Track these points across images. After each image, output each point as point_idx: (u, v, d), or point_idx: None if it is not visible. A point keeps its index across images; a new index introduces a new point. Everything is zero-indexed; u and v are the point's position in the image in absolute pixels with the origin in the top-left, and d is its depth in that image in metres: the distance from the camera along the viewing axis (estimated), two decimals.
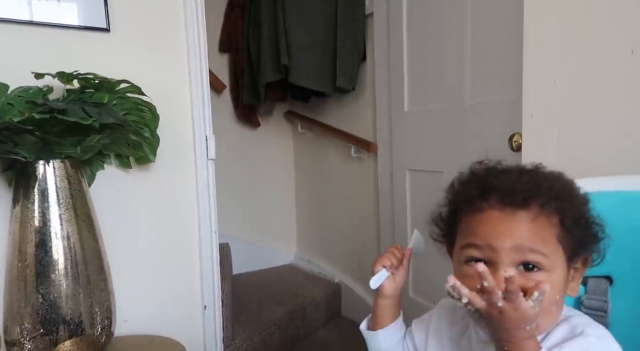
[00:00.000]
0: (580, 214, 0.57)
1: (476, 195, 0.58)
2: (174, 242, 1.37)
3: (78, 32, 1.21)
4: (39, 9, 1.15)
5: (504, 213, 0.55)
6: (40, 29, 1.17)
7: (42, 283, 0.94)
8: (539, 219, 0.55)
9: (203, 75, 1.39)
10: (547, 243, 0.55)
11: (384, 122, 1.95)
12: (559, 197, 0.56)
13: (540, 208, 0.55)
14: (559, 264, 0.56)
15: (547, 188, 0.56)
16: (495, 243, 0.55)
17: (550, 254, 0.55)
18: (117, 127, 1.08)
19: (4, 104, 0.94)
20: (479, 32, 1.47)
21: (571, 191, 0.59)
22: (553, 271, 0.55)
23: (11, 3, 1.12)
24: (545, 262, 0.55)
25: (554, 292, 0.54)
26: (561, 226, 0.56)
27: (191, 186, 1.38)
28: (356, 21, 1.99)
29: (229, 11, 2.46)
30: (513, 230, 0.55)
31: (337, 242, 2.42)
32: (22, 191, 0.97)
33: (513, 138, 1.28)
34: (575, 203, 0.58)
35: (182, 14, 1.34)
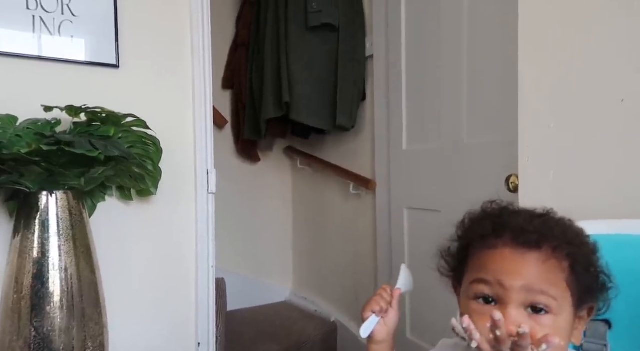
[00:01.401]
0: (589, 262, 0.58)
1: (490, 231, 0.59)
2: (171, 276, 1.36)
3: (88, 67, 1.25)
4: (52, 45, 1.20)
5: (517, 252, 0.56)
6: (51, 63, 1.21)
7: (36, 316, 0.93)
8: (550, 262, 0.55)
9: (207, 111, 1.43)
10: (557, 286, 0.55)
11: (382, 159, 1.98)
12: (571, 242, 0.57)
13: (552, 251, 0.55)
14: (567, 309, 0.56)
15: (559, 232, 0.57)
16: (506, 281, 0.55)
17: (559, 298, 0.55)
18: (121, 160, 1.10)
19: (13, 136, 0.96)
20: (476, 74, 1.52)
21: (582, 238, 0.60)
22: (560, 315, 0.55)
23: (24, 39, 1.17)
24: (553, 305, 0.54)
25: (559, 337, 0.53)
26: (571, 271, 0.56)
27: (191, 219, 1.39)
28: (357, 62, 2.06)
29: (234, 50, 2.54)
30: (524, 270, 0.55)
31: (334, 279, 2.39)
32: (24, 221, 0.98)
33: (510, 180, 1.30)
34: (585, 250, 0.58)
35: (189, 52, 1.39)
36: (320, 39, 2.07)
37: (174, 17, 1.37)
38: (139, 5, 1.31)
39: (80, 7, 1.22)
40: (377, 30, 1.99)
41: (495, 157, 1.43)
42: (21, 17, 1.15)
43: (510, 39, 1.20)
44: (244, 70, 2.43)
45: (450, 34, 1.61)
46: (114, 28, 1.26)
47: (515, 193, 1.26)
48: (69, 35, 1.21)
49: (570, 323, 0.57)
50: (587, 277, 0.57)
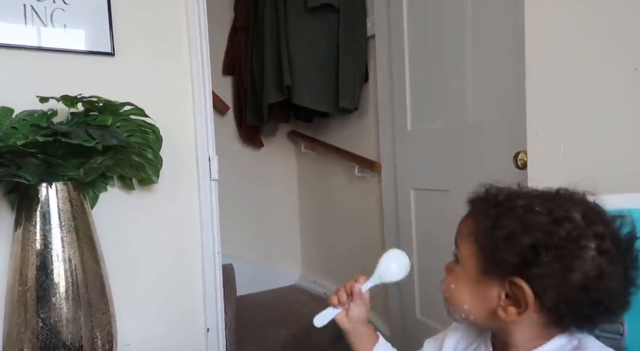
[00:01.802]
0: (522, 231, 0.53)
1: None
2: (177, 264, 1.35)
3: (83, 56, 1.23)
4: (45, 34, 1.17)
5: (468, 212, 0.63)
6: (46, 54, 1.18)
7: (42, 307, 0.93)
8: (471, 217, 0.61)
9: (206, 97, 1.40)
10: (465, 239, 0.60)
11: (387, 141, 1.95)
12: (508, 209, 0.56)
13: (477, 210, 0.60)
14: (471, 264, 0.59)
15: (500, 198, 0.58)
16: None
17: (464, 250, 0.60)
18: (120, 149, 1.09)
19: (8, 128, 0.95)
20: (481, 51, 1.48)
21: (530, 211, 0.54)
22: (465, 268, 0.60)
23: (16, 29, 1.14)
24: (458, 254, 0.61)
25: (457, 287, 0.60)
26: (485, 232, 0.57)
27: (194, 207, 1.38)
28: (358, 43, 2.02)
29: (233, 34, 2.50)
30: (458, 225, 0.63)
31: (342, 262, 2.39)
32: (25, 214, 0.97)
33: (518, 156, 1.27)
34: (524, 223, 0.54)
35: (185, 38, 1.36)
36: (320, 20, 2.02)
37: (169, 2, 1.34)
38: None
39: None
40: (378, 10, 1.94)
41: (503, 134, 1.40)
42: (12, 6, 1.12)
43: (516, 12, 1.16)
44: (244, 54, 2.39)
45: (454, 9, 1.56)
46: (107, 15, 1.24)
47: (524, 170, 1.23)
48: (61, 24, 1.19)
49: (475, 280, 0.58)
50: (508, 245, 0.53)
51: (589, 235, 0.52)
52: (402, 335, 1.91)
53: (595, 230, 0.52)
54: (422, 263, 1.81)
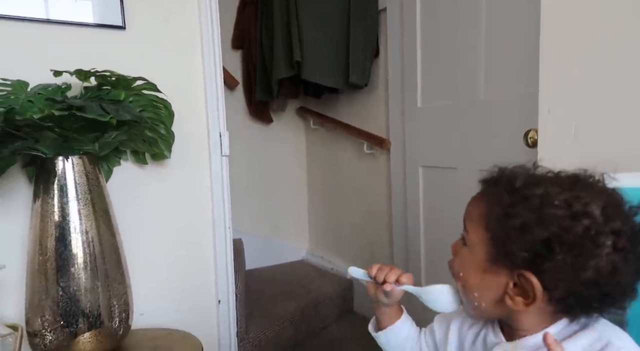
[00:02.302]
0: (536, 224, 0.52)
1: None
2: (189, 237, 1.38)
3: (94, 29, 1.23)
4: (55, 7, 1.17)
5: (479, 191, 0.62)
6: (57, 26, 1.18)
7: (62, 276, 0.96)
8: (483, 200, 0.59)
9: (217, 72, 1.40)
10: (474, 222, 0.59)
11: (397, 118, 1.95)
12: (523, 197, 0.53)
13: (490, 194, 0.59)
14: (479, 248, 0.58)
15: (515, 183, 0.55)
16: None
17: (473, 233, 0.59)
18: (133, 124, 1.10)
19: (24, 101, 0.96)
20: (494, 26, 1.46)
21: (547, 202, 0.52)
22: (473, 252, 0.59)
23: (28, 2, 1.14)
24: (468, 237, 0.60)
25: (463, 271, 0.60)
26: (497, 217, 0.55)
27: (205, 182, 1.40)
28: (369, 17, 1.99)
29: (242, 8, 2.47)
30: (467, 205, 0.62)
31: (349, 238, 2.42)
32: (42, 186, 0.99)
33: (528, 135, 1.27)
34: (540, 214, 0.52)
35: (196, 11, 1.35)
36: None
37: None
38: None
39: None
40: None
41: (513, 112, 1.39)
42: None
43: None
44: (254, 29, 2.37)
45: None
46: None
47: (534, 148, 1.23)
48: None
49: (484, 268, 0.57)
50: (521, 237, 0.52)
51: (606, 232, 0.50)
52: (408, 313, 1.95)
53: (613, 227, 0.51)
54: (429, 241, 1.84)
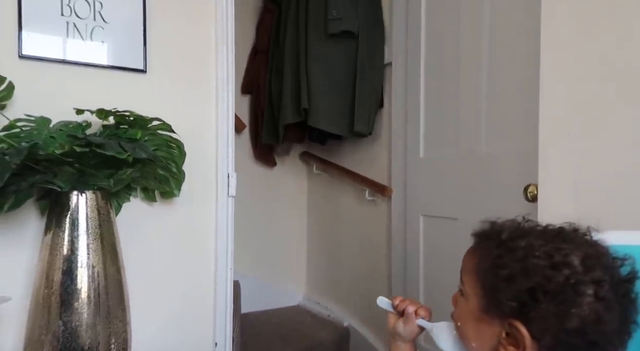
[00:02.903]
0: (521, 274, 0.55)
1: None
2: (191, 277, 1.38)
3: (117, 72, 1.29)
4: (84, 50, 1.24)
5: (472, 244, 0.66)
6: (83, 68, 1.25)
7: (65, 310, 0.96)
8: (476, 253, 0.64)
9: (229, 115, 1.46)
10: (468, 274, 0.63)
11: (399, 166, 2.00)
12: (510, 249, 0.58)
13: (481, 247, 0.63)
14: (474, 300, 0.61)
15: (503, 236, 0.60)
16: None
17: (468, 285, 0.63)
18: (147, 162, 1.13)
19: (47, 137, 1.00)
20: (496, 83, 1.53)
21: (530, 254, 0.56)
22: (468, 303, 0.63)
23: (58, 44, 1.21)
24: (464, 289, 0.64)
25: (461, 321, 0.64)
26: (488, 269, 0.59)
27: (211, 222, 1.42)
28: (375, 69, 2.09)
29: (253, 56, 2.58)
30: (464, 256, 0.66)
31: (347, 285, 2.40)
32: (55, 219, 1.01)
33: (528, 189, 1.30)
34: (524, 265, 0.55)
35: (213, 59, 1.43)
36: (340, 46, 2.10)
37: (199, 24, 1.41)
38: (166, 13, 1.35)
39: (112, 13, 1.26)
40: (396, 39, 2.02)
41: (514, 166, 1.43)
42: (56, 23, 1.19)
43: (531, 46, 1.21)
44: (263, 76, 2.47)
45: (470, 42, 1.62)
46: (142, 34, 1.30)
47: (534, 202, 1.26)
48: (99, 41, 1.25)
49: (479, 318, 0.60)
50: (508, 287, 0.56)
51: (586, 282, 0.53)
52: None
53: (594, 276, 0.53)
54: (429, 291, 1.83)
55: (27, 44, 1.16)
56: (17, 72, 1.14)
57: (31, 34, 1.17)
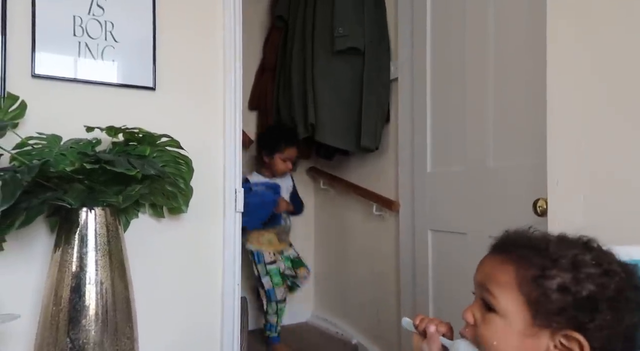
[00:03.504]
0: (574, 284, 0.54)
1: (492, 242, 0.65)
2: (198, 293, 1.38)
3: (127, 89, 1.31)
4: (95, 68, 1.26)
5: (490, 254, 0.63)
6: (93, 86, 1.27)
7: (73, 328, 0.96)
8: (507, 265, 0.59)
9: (237, 132, 1.47)
10: (504, 288, 0.58)
11: (406, 181, 1.99)
12: (554, 259, 0.56)
13: (517, 257, 0.58)
14: (517, 317, 0.57)
15: (543, 245, 0.58)
16: (474, 275, 0.63)
17: (504, 300, 0.57)
18: (156, 178, 1.14)
19: (57, 154, 1.02)
20: (503, 97, 1.53)
21: (578, 262, 0.55)
22: (507, 319, 0.57)
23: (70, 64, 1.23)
24: (497, 305, 0.58)
25: (499, 341, 0.57)
26: (533, 282, 0.56)
27: (218, 237, 1.42)
28: (381, 85, 2.10)
29: (260, 72, 2.62)
30: (484, 268, 0.62)
31: (356, 301, 2.38)
32: (64, 236, 1.02)
33: (537, 203, 1.29)
34: (580, 274, 0.54)
35: (221, 76, 1.45)
36: (346, 63, 2.12)
37: (207, 43, 1.43)
38: (175, 32, 1.38)
39: (122, 33, 1.29)
40: (402, 55, 2.03)
41: (522, 181, 1.43)
42: (68, 43, 1.22)
43: (538, 60, 1.22)
44: (270, 92, 2.50)
45: (476, 57, 1.63)
46: (152, 53, 1.33)
47: (543, 217, 1.25)
48: (110, 60, 1.28)
49: (523, 334, 0.56)
50: (561, 297, 0.54)
51: (631, 287, 0.55)
52: None
53: (635, 282, 0.56)
54: (438, 307, 1.81)
55: (40, 63, 1.19)
56: (29, 91, 1.16)
57: (44, 53, 1.19)
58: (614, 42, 0.98)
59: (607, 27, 0.99)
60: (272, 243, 2.25)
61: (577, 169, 1.03)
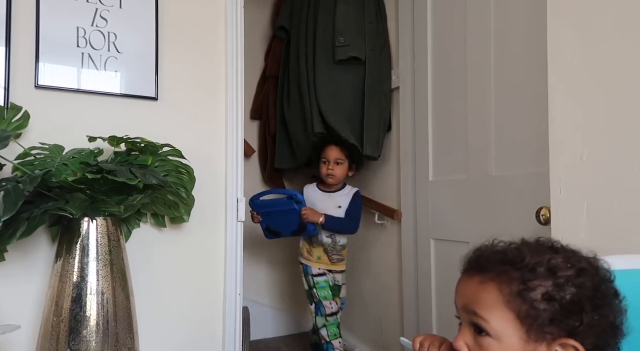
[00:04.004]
0: (557, 290, 0.54)
1: (466, 260, 0.63)
2: (200, 302, 1.37)
3: (130, 100, 1.32)
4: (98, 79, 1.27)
5: (467, 275, 0.61)
6: (97, 97, 1.28)
7: (74, 339, 0.96)
8: (488, 284, 0.57)
9: (239, 142, 1.47)
10: (492, 309, 0.56)
11: (408, 190, 1.99)
12: (531, 269, 0.55)
13: (496, 274, 0.57)
14: (511, 335, 0.55)
15: (519, 258, 0.56)
16: (455, 301, 0.62)
17: (495, 321, 0.56)
18: (158, 188, 1.14)
19: (60, 165, 1.02)
20: (504, 107, 1.53)
21: (554, 267, 0.55)
22: (502, 341, 0.55)
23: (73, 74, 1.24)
24: (489, 327, 0.56)
25: None
26: (518, 296, 0.55)
27: (220, 247, 1.42)
28: (383, 94, 2.11)
29: (262, 82, 2.63)
30: (464, 291, 0.60)
31: (358, 311, 2.36)
32: (66, 246, 1.02)
33: (541, 212, 1.28)
34: (559, 280, 0.54)
35: (223, 86, 1.45)
36: (347, 72, 2.13)
37: (210, 53, 1.44)
38: (178, 43, 1.39)
39: (125, 44, 1.30)
40: (403, 64, 2.04)
41: (525, 189, 1.42)
42: (72, 54, 1.23)
43: (540, 70, 1.22)
44: (272, 102, 2.50)
45: (477, 65, 1.64)
46: (154, 64, 1.34)
47: (546, 226, 1.24)
48: (113, 70, 1.29)
49: (519, 349, 0.55)
50: (549, 307, 0.53)
51: (606, 281, 0.56)
52: None
53: (603, 275, 0.56)
54: (442, 314, 1.79)
55: (44, 74, 1.20)
56: (33, 101, 1.17)
57: (48, 65, 1.20)
58: (615, 50, 0.98)
59: (608, 35, 0.99)
60: (321, 261, 2.07)
61: (580, 177, 1.03)
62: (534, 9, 1.37)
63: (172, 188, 1.18)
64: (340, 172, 2.04)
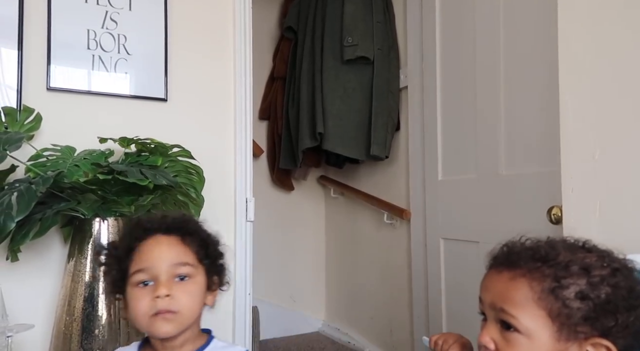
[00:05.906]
0: (594, 291, 0.53)
1: (492, 256, 0.62)
2: None
3: (139, 101, 1.33)
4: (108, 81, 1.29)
5: (496, 270, 0.60)
6: (107, 98, 1.29)
7: (86, 338, 0.97)
8: (518, 280, 0.56)
9: (247, 142, 1.48)
10: (522, 306, 0.55)
11: (417, 189, 1.98)
12: (564, 266, 0.54)
13: (527, 271, 0.56)
14: (541, 333, 0.54)
15: (551, 255, 0.55)
16: (481, 296, 0.61)
17: (525, 318, 0.55)
18: (168, 188, 1.15)
19: (71, 165, 1.03)
20: (514, 105, 1.52)
21: (588, 266, 0.54)
22: (532, 337, 0.54)
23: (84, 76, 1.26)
24: (518, 324, 0.55)
25: None
26: (551, 294, 0.54)
27: (229, 247, 1.42)
28: (391, 94, 2.10)
29: (270, 82, 2.64)
30: (492, 287, 0.59)
31: (368, 310, 2.36)
32: (77, 246, 1.03)
33: (552, 211, 1.27)
34: (591, 279, 0.53)
35: (232, 87, 1.46)
36: (355, 71, 2.12)
37: (218, 54, 1.45)
38: (187, 44, 1.39)
39: (135, 46, 1.31)
40: (411, 63, 2.03)
41: (535, 188, 1.41)
42: (82, 56, 1.25)
43: (550, 66, 1.21)
44: (280, 102, 2.51)
45: (487, 64, 1.62)
46: (163, 65, 1.35)
47: (558, 225, 1.23)
48: (123, 72, 1.30)
49: (550, 347, 0.54)
50: (582, 305, 0.53)
51: (637, 282, 0.55)
52: None
53: (636, 276, 0.55)
54: (451, 314, 1.78)
55: (55, 76, 1.22)
56: (45, 103, 1.19)
57: (59, 67, 1.22)
58: (628, 46, 0.96)
59: (619, 31, 0.98)
60: None
61: (592, 176, 1.02)
62: (544, 4, 1.35)
63: (181, 189, 1.19)
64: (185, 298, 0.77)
